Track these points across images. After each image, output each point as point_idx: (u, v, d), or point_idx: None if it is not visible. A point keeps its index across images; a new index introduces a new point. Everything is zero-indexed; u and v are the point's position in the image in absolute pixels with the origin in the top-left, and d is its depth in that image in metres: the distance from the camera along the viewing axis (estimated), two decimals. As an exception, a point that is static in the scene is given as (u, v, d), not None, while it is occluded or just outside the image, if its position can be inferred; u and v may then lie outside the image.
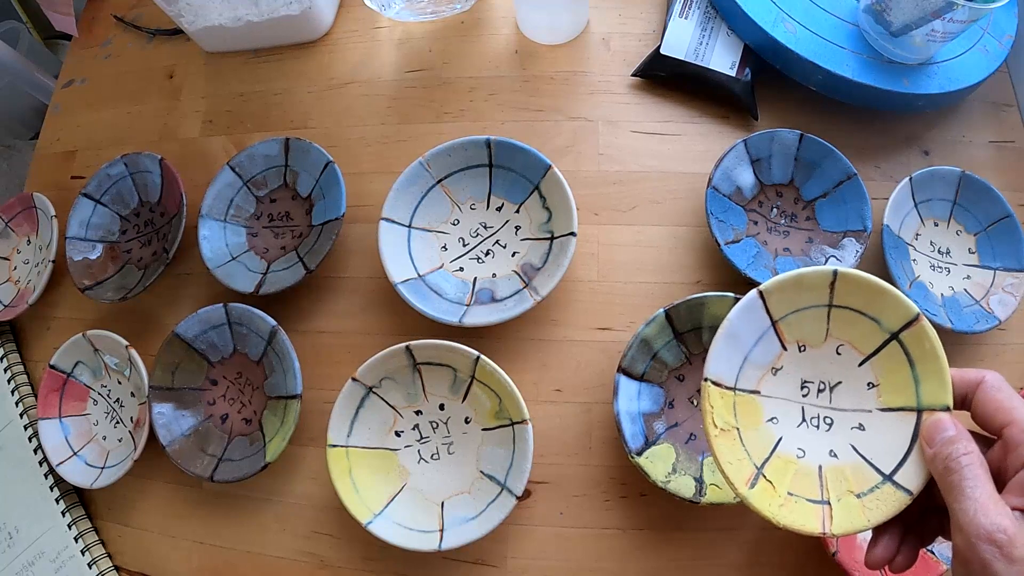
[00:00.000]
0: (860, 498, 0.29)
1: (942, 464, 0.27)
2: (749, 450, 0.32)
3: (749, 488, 0.30)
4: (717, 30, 0.56)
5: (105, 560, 0.50)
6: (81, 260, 0.57)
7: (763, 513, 0.30)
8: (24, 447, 0.54)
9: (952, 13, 0.45)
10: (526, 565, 0.47)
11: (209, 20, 0.61)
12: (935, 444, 0.28)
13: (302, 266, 0.52)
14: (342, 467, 0.46)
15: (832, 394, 0.33)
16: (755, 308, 0.32)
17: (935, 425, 0.28)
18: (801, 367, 0.33)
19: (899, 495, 0.29)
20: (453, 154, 0.53)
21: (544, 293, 0.48)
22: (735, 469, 0.31)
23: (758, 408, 0.33)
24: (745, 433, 0.32)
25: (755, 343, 0.33)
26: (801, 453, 0.32)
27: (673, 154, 0.56)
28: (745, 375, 0.33)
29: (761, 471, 0.31)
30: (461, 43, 0.62)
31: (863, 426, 0.31)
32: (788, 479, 0.31)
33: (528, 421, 0.45)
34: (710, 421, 0.31)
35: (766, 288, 0.32)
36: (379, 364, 0.47)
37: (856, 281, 0.31)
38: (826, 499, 0.30)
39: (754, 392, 0.33)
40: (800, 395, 0.33)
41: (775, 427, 0.33)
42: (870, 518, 0.29)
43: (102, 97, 0.68)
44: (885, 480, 0.29)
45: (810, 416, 0.33)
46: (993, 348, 0.50)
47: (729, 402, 0.32)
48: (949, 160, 0.54)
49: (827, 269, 0.31)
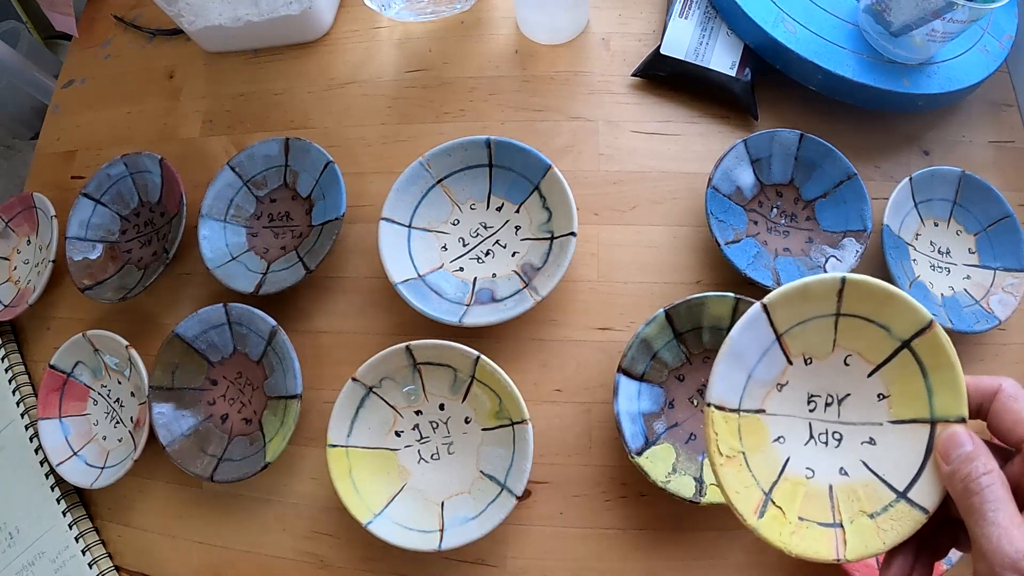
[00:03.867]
0: (874, 518, 0.28)
1: (961, 484, 0.25)
2: (756, 475, 0.30)
3: (758, 518, 0.29)
4: (717, 30, 0.56)
5: (105, 560, 0.50)
6: (81, 260, 0.57)
7: (774, 543, 0.28)
8: (25, 447, 0.54)
9: (952, 13, 0.45)
10: (526, 565, 0.47)
11: (209, 20, 0.61)
12: (952, 461, 0.26)
13: (302, 266, 0.52)
14: (342, 467, 0.46)
15: (840, 407, 0.31)
16: (759, 323, 0.30)
17: (951, 439, 0.27)
18: (808, 381, 0.31)
19: (914, 514, 0.27)
20: (453, 154, 0.53)
21: (544, 293, 0.48)
22: (742, 498, 0.29)
23: (763, 428, 0.31)
24: (751, 457, 0.30)
25: (759, 360, 0.31)
26: (810, 473, 0.30)
27: (673, 154, 0.56)
28: (749, 394, 0.31)
29: (770, 496, 0.30)
30: (461, 43, 0.62)
31: (874, 440, 0.30)
32: (798, 503, 0.29)
33: (528, 421, 0.45)
34: (715, 449, 0.30)
35: (770, 301, 0.30)
36: (379, 364, 0.47)
37: (865, 288, 0.29)
38: (838, 521, 0.29)
39: (759, 411, 0.31)
40: (807, 410, 0.31)
41: (782, 447, 0.31)
42: (885, 540, 0.27)
43: (102, 97, 0.68)
44: (899, 498, 0.28)
45: (818, 432, 0.31)
46: (993, 348, 0.50)
47: (734, 426, 0.31)
48: (949, 160, 0.54)
49: (835, 277, 0.29)
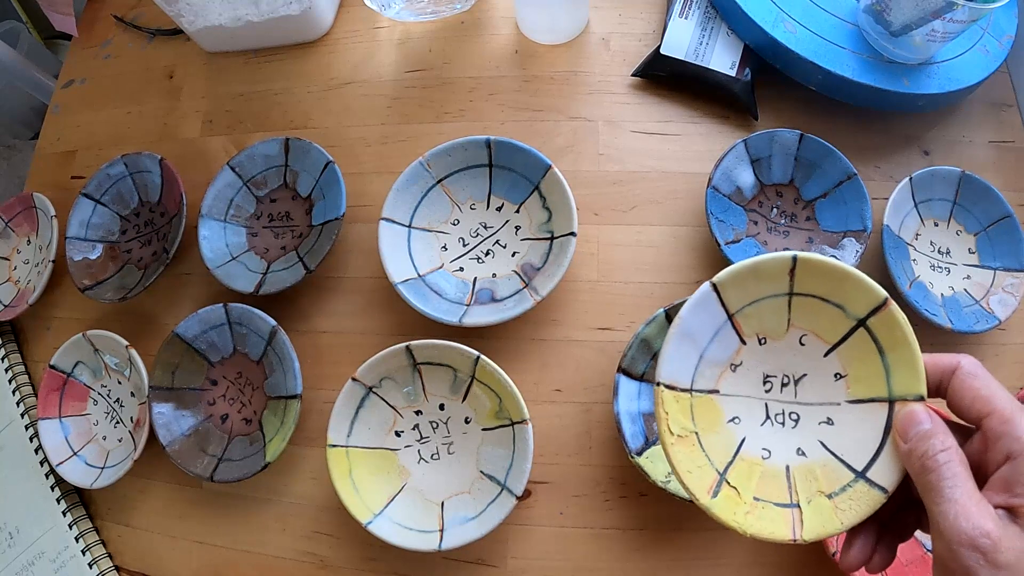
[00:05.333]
0: (832, 498, 0.28)
1: (918, 462, 0.25)
2: (710, 455, 0.30)
3: (712, 497, 0.28)
4: (717, 30, 0.56)
5: (105, 560, 0.50)
6: (81, 260, 0.57)
7: (727, 523, 0.28)
8: (25, 447, 0.54)
9: (952, 13, 0.45)
10: (526, 565, 0.47)
11: (209, 20, 0.61)
12: (910, 439, 0.26)
13: (302, 266, 0.52)
14: (342, 467, 0.46)
15: (797, 388, 0.30)
16: (709, 302, 0.30)
17: (908, 417, 0.26)
18: (762, 361, 0.31)
19: (873, 493, 0.27)
20: (453, 154, 0.53)
21: (544, 293, 0.48)
22: (695, 477, 0.29)
23: (717, 409, 0.31)
24: (705, 437, 0.30)
25: (711, 339, 0.31)
26: (767, 454, 0.30)
27: (673, 154, 0.56)
28: (702, 374, 0.31)
29: (724, 477, 0.29)
30: (461, 43, 0.62)
31: (832, 420, 0.29)
32: (754, 483, 0.29)
33: (528, 421, 0.45)
34: (665, 428, 0.29)
35: (720, 280, 0.30)
36: (379, 364, 0.47)
37: (817, 266, 0.29)
38: (795, 502, 0.28)
39: (712, 392, 0.31)
40: (763, 391, 0.31)
41: (737, 428, 0.30)
42: (843, 520, 0.27)
43: (102, 97, 0.68)
44: (858, 478, 0.28)
45: (774, 413, 0.30)
46: (993, 348, 0.49)
47: (686, 405, 0.30)
48: (949, 160, 0.54)
49: (786, 255, 0.29)
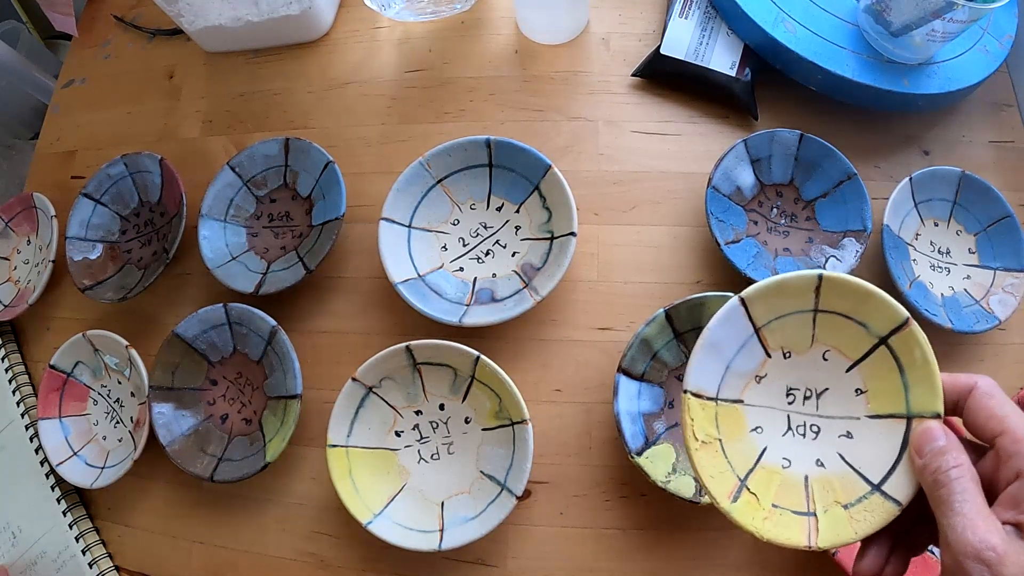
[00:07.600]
0: (847, 509, 0.29)
1: (931, 476, 0.26)
2: (732, 462, 0.31)
3: (732, 502, 0.29)
4: (717, 30, 0.56)
5: (105, 560, 0.50)
6: (81, 260, 0.57)
7: (746, 527, 0.29)
8: (25, 447, 0.54)
9: (952, 13, 0.45)
10: (526, 565, 0.47)
11: (209, 20, 0.61)
12: (924, 454, 0.27)
13: (302, 266, 0.52)
14: (342, 467, 0.46)
15: (819, 401, 0.32)
16: (737, 316, 0.31)
17: (925, 434, 0.27)
18: (786, 374, 0.32)
19: (888, 506, 0.28)
20: (453, 154, 0.53)
21: (544, 293, 0.48)
22: (717, 482, 0.30)
23: (741, 418, 0.32)
24: (728, 444, 0.31)
25: (737, 351, 0.32)
26: (786, 463, 0.31)
27: (673, 154, 0.56)
28: (727, 384, 0.32)
29: (744, 483, 0.30)
30: (461, 43, 0.62)
31: (851, 434, 0.31)
32: (773, 491, 0.30)
33: (528, 421, 0.45)
34: (691, 434, 0.30)
35: (748, 295, 0.31)
36: (379, 364, 0.47)
37: (842, 285, 0.30)
38: (812, 511, 0.29)
39: (737, 401, 0.32)
40: (785, 403, 0.32)
41: (759, 437, 0.32)
42: (857, 530, 0.28)
43: (102, 97, 0.68)
44: (873, 490, 0.29)
45: (796, 424, 0.32)
46: (993, 348, 0.49)
47: (711, 413, 0.31)
48: (949, 160, 0.54)
49: (812, 273, 0.30)
